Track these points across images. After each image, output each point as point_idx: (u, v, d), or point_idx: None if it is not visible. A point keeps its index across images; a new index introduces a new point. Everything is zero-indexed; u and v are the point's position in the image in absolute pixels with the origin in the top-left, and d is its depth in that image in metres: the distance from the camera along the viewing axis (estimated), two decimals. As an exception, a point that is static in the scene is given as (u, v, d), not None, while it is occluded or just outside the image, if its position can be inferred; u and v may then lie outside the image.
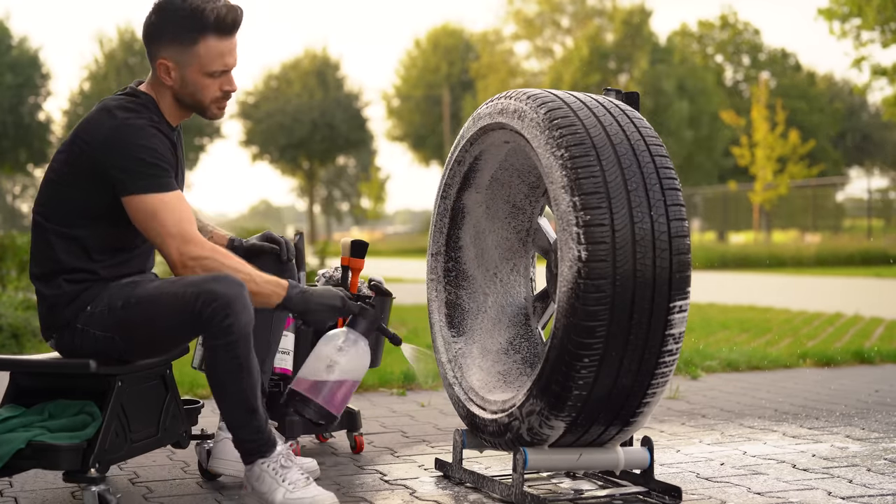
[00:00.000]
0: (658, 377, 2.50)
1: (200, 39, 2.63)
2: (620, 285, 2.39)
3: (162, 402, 2.84)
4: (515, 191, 3.08)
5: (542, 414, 2.52)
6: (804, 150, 31.16)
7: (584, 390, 2.45)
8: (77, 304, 2.62)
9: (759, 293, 12.63)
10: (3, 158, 41.39)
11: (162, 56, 2.65)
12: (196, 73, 2.66)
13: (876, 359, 5.83)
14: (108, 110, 2.61)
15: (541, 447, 2.60)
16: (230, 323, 2.49)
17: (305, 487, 2.56)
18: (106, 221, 2.63)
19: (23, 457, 2.48)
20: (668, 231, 2.44)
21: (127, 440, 2.66)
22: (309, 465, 2.99)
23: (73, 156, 2.61)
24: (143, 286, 2.63)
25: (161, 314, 2.56)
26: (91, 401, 2.62)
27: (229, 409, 2.57)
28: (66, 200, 2.62)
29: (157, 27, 2.65)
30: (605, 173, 2.42)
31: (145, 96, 2.68)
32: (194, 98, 2.69)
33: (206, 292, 2.49)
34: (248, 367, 2.54)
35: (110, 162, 2.55)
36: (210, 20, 2.62)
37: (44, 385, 2.69)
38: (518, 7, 46.90)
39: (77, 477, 2.51)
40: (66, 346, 2.65)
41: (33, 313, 7.04)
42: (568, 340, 2.41)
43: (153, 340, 2.65)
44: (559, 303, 2.45)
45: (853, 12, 16.31)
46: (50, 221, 2.63)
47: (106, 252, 2.65)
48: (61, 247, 2.62)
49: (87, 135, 2.59)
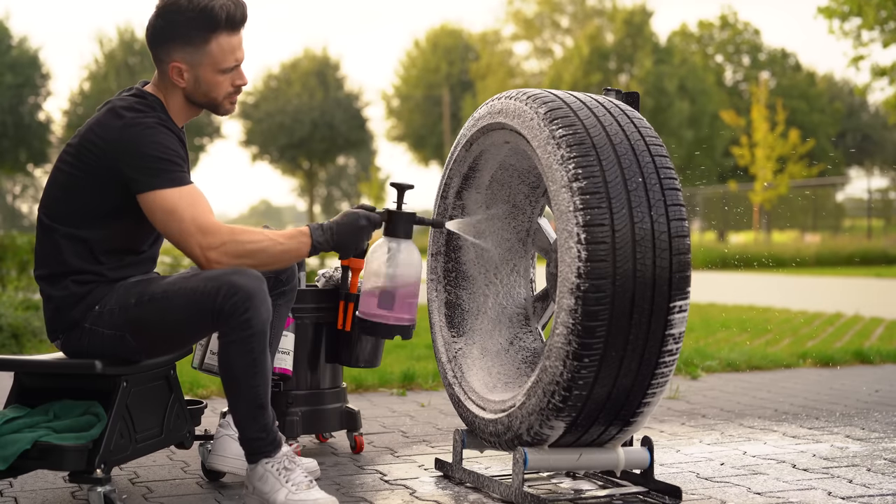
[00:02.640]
0: (658, 377, 2.50)
1: (212, 38, 2.63)
2: (620, 285, 2.39)
3: (166, 402, 2.84)
4: (515, 191, 3.08)
5: (542, 414, 2.52)
6: (804, 150, 31.16)
7: (584, 390, 2.45)
8: (85, 304, 2.61)
9: (759, 293, 12.63)
10: (3, 158, 41.38)
11: (174, 59, 2.64)
12: (209, 72, 2.66)
13: (876, 359, 5.83)
14: (116, 111, 2.60)
15: (541, 447, 2.60)
16: (249, 317, 2.50)
17: (308, 490, 2.56)
18: (115, 223, 2.63)
19: (28, 457, 2.48)
20: (668, 231, 2.44)
21: (132, 441, 2.66)
22: (309, 465, 2.99)
23: (81, 157, 2.60)
24: (157, 283, 2.63)
25: (177, 309, 2.56)
26: (96, 401, 2.61)
27: (239, 405, 2.57)
28: (74, 202, 2.61)
29: (164, 30, 2.63)
30: (604, 173, 2.42)
31: (152, 97, 2.67)
32: (208, 97, 2.69)
33: (227, 285, 2.50)
34: (262, 363, 2.55)
35: (123, 161, 2.54)
36: (221, 18, 2.61)
37: (48, 385, 2.68)
38: (518, 7, 46.92)
39: (82, 478, 2.51)
40: (73, 346, 2.64)
41: (33, 313, 7.04)
42: (568, 340, 2.41)
43: (166, 337, 2.64)
44: (559, 303, 2.45)
45: (853, 11, 16.31)
46: (57, 223, 2.62)
47: (113, 254, 2.65)
48: (69, 248, 2.61)
49: (96, 136, 2.58)
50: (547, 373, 2.48)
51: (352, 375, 4.84)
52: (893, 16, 15.73)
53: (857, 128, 52.52)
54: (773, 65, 49.40)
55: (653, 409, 2.57)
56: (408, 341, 6.87)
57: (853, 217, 34.33)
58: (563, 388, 2.45)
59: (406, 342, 6.67)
